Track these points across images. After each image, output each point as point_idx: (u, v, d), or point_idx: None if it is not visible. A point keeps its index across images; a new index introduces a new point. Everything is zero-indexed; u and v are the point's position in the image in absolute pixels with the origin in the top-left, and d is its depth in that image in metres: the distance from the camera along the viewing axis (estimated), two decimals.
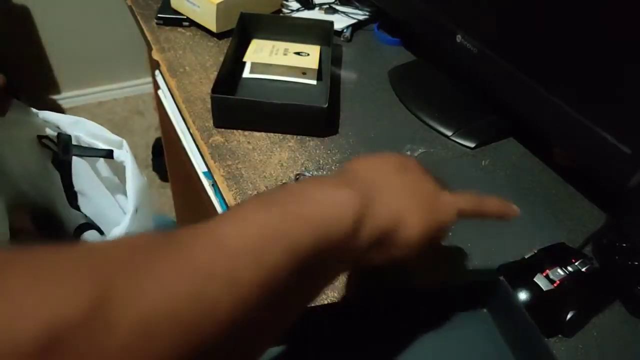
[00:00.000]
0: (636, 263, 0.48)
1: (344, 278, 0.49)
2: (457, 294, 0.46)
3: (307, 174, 0.50)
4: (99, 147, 0.61)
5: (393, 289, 0.46)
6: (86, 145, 0.61)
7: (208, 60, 0.77)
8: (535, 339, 0.40)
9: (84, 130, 0.62)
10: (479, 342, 0.45)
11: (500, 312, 0.45)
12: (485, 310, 0.47)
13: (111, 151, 0.61)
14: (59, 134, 0.61)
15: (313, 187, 0.33)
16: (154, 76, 0.95)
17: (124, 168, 0.60)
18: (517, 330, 0.43)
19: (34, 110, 0.61)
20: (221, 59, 0.73)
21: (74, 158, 0.62)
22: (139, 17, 0.87)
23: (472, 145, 0.67)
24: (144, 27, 0.85)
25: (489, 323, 0.46)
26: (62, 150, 0.60)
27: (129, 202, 0.55)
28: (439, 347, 0.44)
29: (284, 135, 0.66)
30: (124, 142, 0.61)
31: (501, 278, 0.44)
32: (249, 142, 0.64)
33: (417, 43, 0.85)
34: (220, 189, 0.59)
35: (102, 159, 0.63)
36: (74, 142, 0.61)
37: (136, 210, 0.55)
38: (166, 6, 0.85)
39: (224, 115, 0.65)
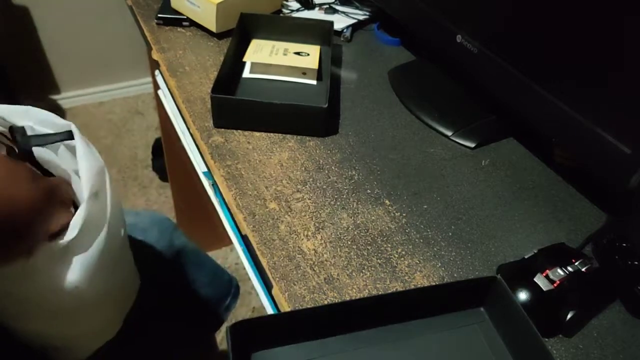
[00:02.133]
0: (636, 263, 0.48)
1: (343, 279, 0.49)
2: (454, 292, 0.46)
3: None
4: (54, 133, 0.58)
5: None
6: (40, 134, 0.58)
7: (208, 60, 0.77)
8: (532, 336, 0.41)
9: (34, 119, 0.59)
10: (476, 340, 0.45)
11: (497, 311, 0.45)
12: (482, 309, 0.47)
13: (69, 132, 0.57)
14: (10, 127, 0.58)
15: None
16: (154, 76, 0.95)
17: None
18: (513, 328, 0.43)
19: None
20: (221, 59, 0.73)
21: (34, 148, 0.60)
22: (139, 17, 0.87)
23: (472, 145, 0.67)
24: (144, 27, 0.85)
25: (486, 321, 0.46)
26: (20, 143, 0.58)
27: (83, 185, 0.51)
28: (436, 346, 0.44)
29: (284, 135, 0.66)
30: (72, 125, 0.58)
31: (498, 276, 0.44)
32: (248, 142, 0.64)
33: (417, 43, 0.86)
34: (220, 189, 0.59)
35: (62, 146, 0.60)
36: (28, 133, 0.58)
37: (96, 194, 0.51)
38: (166, 6, 0.85)
39: (224, 115, 0.65)
